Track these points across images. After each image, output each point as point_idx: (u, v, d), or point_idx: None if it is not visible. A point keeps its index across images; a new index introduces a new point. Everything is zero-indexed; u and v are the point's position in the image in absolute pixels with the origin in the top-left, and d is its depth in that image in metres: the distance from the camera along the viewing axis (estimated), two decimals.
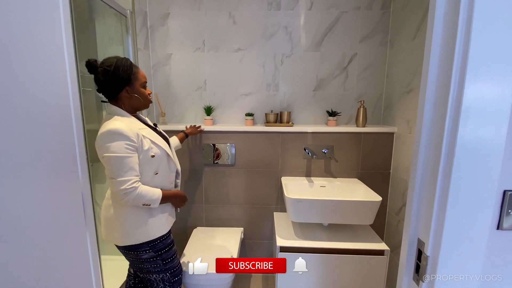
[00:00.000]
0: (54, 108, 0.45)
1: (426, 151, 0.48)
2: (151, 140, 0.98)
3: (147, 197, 0.94)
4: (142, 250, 1.00)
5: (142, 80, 1.00)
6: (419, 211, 0.49)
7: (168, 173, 1.06)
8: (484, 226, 0.45)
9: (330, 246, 1.24)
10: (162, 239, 1.04)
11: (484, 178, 0.43)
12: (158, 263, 1.04)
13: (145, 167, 0.96)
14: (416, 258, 0.50)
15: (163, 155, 1.02)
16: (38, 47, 0.42)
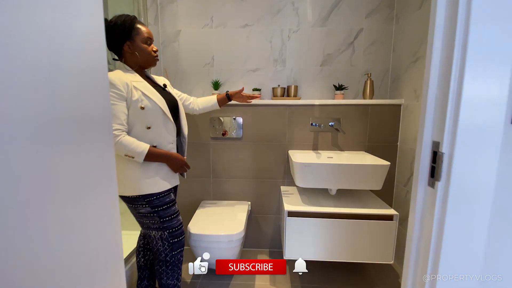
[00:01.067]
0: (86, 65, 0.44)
1: None
2: (142, 92, 0.97)
3: (129, 148, 0.93)
4: (139, 204, 1.02)
5: (144, 36, 1.00)
6: (434, 113, 0.50)
7: (164, 132, 1.03)
8: (498, 122, 0.45)
9: (338, 211, 1.24)
10: (159, 196, 1.03)
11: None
12: (155, 219, 1.04)
13: (136, 119, 0.96)
14: (430, 162, 0.51)
15: (156, 110, 0.99)
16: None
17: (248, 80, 1.71)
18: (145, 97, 0.97)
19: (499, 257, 0.50)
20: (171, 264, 1.09)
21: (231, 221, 1.37)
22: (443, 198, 0.48)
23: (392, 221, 1.22)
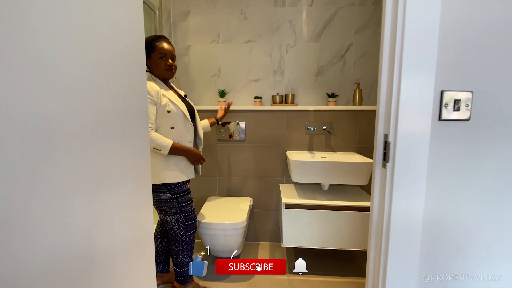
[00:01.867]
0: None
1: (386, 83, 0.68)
2: (169, 98, 1.19)
3: (157, 142, 1.13)
4: (161, 191, 1.21)
5: (158, 52, 1.19)
6: (384, 112, 0.68)
7: (184, 132, 1.24)
8: (427, 119, 0.64)
9: (330, 204, 1.41)
10: (178, 185, 1.23)
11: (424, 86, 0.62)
12: (174, 204, 1.23)
13: (163, 120, 1.17)
14: (383, 149, 0.69)
15: (179, 114, 1.21)
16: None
17: (250, 89, 1.92)
18: (171, 103, 1.19)
19: (435, 216, 0.67)
20: (186, 243, 1.27)
21: (235, 212, 1.55)
22: (391, 176, 0.66)
23: None
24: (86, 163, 0.45)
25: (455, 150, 0.66)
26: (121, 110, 0.54)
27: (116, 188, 0.52)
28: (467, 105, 0.64)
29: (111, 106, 0.51)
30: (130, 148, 0.57)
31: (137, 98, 0.59)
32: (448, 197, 0.67)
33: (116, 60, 0.52)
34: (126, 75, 0.55)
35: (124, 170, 0.55)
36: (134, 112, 0.58)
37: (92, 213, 0.47)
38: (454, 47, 0.63)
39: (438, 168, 0.66)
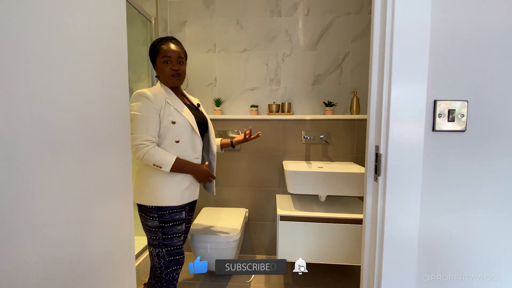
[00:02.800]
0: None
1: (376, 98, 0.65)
2: (174, 108, 1.05)
3: (157, 157, 0.98)
4: (151, 216, 1.04)
5: (162, 55, 1.05)
6: (375, 124, 0.65)
7: (191, 146, 1.08)
8: (420, 129, 0.60)
9: (326, 216, 1.36)
10: (171, 211, 1.05)
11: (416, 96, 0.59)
12: (158, 235, 1.05)
13: (166, 132, 1.03)
14: (374, 161, 0.65)
15: (186, 125, 1.05)
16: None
17: (246, 97, 1.90)
18: (176, 113, 1.04)
19: (432, 232, 0.63)
20: (166, 281, 1.07)
21: (229, 224, 1.50)
22: (383, 190, 0.62)
23: None
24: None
25: (451, 162, 0.62)
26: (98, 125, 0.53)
27: (98, 199, 0.52)
28: (462, 115, 0.60)
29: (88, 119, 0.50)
30: (110, 162, 0.56)
31: (114, 109, 0.57)
32: (445, 212, 0.63)
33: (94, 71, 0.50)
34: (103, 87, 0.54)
35: (105, 182, 0.54)
36: (113, 125, 0.57)
37: (79, 223, 0.47)
38: (446, 54, 0.60)
39: (434, 182, 0.62)
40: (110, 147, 0.56)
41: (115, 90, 0.58)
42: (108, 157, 0.56)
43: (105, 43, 0.54)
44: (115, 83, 0.58)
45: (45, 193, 0.41)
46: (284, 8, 1.82)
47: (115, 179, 0.58)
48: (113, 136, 0.57)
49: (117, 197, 0.59)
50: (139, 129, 0.99)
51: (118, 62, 0.58)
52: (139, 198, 1.06)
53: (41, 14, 0.40)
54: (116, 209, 0.59)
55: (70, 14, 0.45)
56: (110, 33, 0.55)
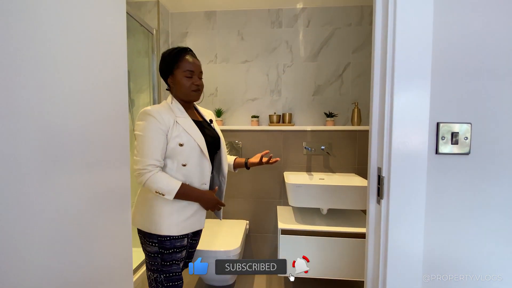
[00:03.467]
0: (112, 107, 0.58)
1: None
2: (184, 128, 0.95)
3: (160, 185, 0.90)
4: (151, 242, 0.98)
5: (185, 69, 0.97)
6: (377, 145, 0.64)
7: (199, 171, 0.99)
8: (423, 152, 0.59)
9: (328, 230, 1.34)
10: (172, 239, 0.98)
11: (418, 116, 0.59)
12: (157, 260, 0.99)
13: (173, 155, 0.94)
14: (377, 184, 0.64)
15: (194, 148, 0.96)
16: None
17: (247, 108, 1.90)
18: (185, 134, 0.95)
19: (437, 257, 0.61)
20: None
21: (229, 237, 1.48)
22: (386, 213, 0.61)
23: None
24: None
25: (455, 185, 0.60)
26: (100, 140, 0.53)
27: (95, 212, 0.52)
28: (465, 137, 0.59)
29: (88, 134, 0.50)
30: (108, 178, 0.57)
31: (113, 122, 0.58)
32: (450, 236, 0.61)
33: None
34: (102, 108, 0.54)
35: (103, 195, 0.54)
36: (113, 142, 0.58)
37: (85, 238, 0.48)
38: (449, 76, 0.59)
39: (438, 205, 0.61)
40: (109, 159, 0.56)
41: (115, 102, 0.58)
42: (107, 170, 0.56)
43: (105, 57, 0.55)
44: (115, 94, 0.58)
45: (42, 206, 0.40)
46: (285, 20, 1.84)
47: (113, 193, 0.58)
48: (112, 148, 0.57)
49: (115, 210, 0.59)
50: (143, 152, 0.91)
51: (117, 77, 0.59)
52: (139, 223, 0.99)
53: (43, 27, 0.41)
54: (114, 223, 0.59)
55: (71, 25, 0.46)
56: (110, 47, 0.56)
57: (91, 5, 0.51)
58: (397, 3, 0.57)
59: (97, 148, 0.52)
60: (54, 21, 0.43)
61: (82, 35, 0.48)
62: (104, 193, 0.55)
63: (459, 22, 0.58)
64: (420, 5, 0.57)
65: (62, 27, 0.44)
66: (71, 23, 0.46)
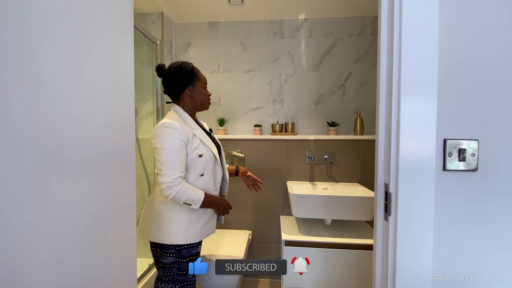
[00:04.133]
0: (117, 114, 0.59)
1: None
2: (200, 139, 1.01)
3: (188, 195, 0.94)
4: (168, 253, 0.99)
5: (203, 81, 1.07)
6: (384, 161, 0.64)
7: (213, 178, 1.06)
8: (430, 169, 0.59)
9: (332, 241, 1.33)
10: (189, 247, 1.01)
11: (425, 131, 0.59)
12: (173, 271, 1.00)
13: (192, 166, 0.98)
14: (384, 200, 0.64)
15: (210, 157, 1.03)
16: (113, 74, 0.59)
17: (250, 117, 1.91)
18: (203, 145, 1.01)
19: (446, 275, 0.60)
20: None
21: (233, 247, 1.47)
22: (394, 230, 0.61)
23: None
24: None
25: (463, 203, 0.60)
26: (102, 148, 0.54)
27: (100, 222, 0.52)
28: (473, 154, 0.59)
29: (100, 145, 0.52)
30: (116, 186, 0.57)
31: (120, 129, 0.58)
32: (460, 254, 0.61)
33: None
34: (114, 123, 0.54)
35: (108, 205, 0.55)
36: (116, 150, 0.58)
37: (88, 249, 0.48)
38: (455, 93, 0.59)
39: (446, 223, 0.60)
40: (115, 170, 0.57)
41: (122, 112, 0.59)
42: (112, 180, 0.56)
43: (113, 66, 0.56)
44: (122, 105, 0.59)
45: (44, 215, 0.40)
46: (287, 31, 1.86)
47: (118, 202, 0.58)
48: (119, 158, 0.58)
49: (120, 219, 0.59)
50: (169, 165, 0.92)
51: (125, 88, 0.61)
52: (155, 237, 0.99)
53: (54, 40, 0.42)
54: (119, 233, 0.59)
55: (81, 37, 0.48)
56: (117, 57, 0.57)
57: (101, 20, 0.52)
58: (402, 18, 0.58)
59: (103, 156, 0.53)
60: (64, 32, 0.44)
61: (90, 46, 0.49)
62: (109, 202, 0.55)
63: (466, 37, 0.59)
64: (426, 20, 0.57)
65: (71, 37, 0.45)
66: (81, 35, 0.47)
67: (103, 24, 0.54)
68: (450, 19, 0.59)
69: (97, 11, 0.52)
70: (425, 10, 0.57)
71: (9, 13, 0.35)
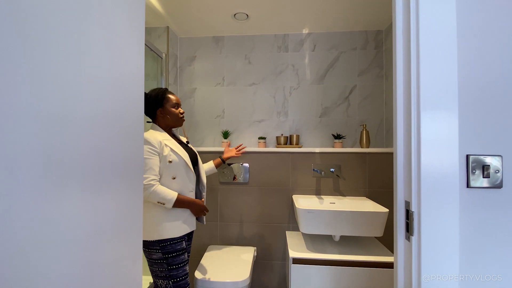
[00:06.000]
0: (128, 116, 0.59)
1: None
2: (171, 148, 1.16)
3: (161, 195, 1.08)
4: (154, 249, 1.11)
5: (173, 102, 1.23)
6: (404, 178, 0.61)
7: (186, 181, 1.20)
8: (454, 186, 0.56)
9: (342, 259, 1.27)
10: (172, 242, 1.13)
11: (447, 147, 0.56)
12: (164, 266, 1.12)
13: (164, 170, 1.14)
14: (405, 218, 0.61)
15: (180, 163, 1.17)
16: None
17: (254, 129, 1.89)
18: (173, 153, 1.16)
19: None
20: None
21: (237, 267, 1.41)
22: (417, 251, 0.57)
23: None
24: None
25: (489, 221, 0.57)
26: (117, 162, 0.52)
27: (110, 238, 0.50)
28: (497, 171, 0.56)
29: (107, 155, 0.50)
30: (123, 198, 0.56)
31: (134, 150, 0.56)
32: (487, 275, 0.57)
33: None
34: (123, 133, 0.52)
35: (117, 221, 0.53)
36: (130, 163, 0.57)
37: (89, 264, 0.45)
38: (477, 107, 0.58)
39: (472, 242, 0.57)
40: (122, 181, 0.55)
41: (131, 119, 0.58)
42: (119, 193, 0.54)
43: (124, 77, 0.56)
44: (131, 116, 0.58)
45: (45, 229, 0.37)
46: (291, 45, 1.88)
47: (124, 216, 0.56)
48: (126, 170, 0.56)
49: (126, 235, 0.56)
50: (145, 171, 1.08)
51: (134, 92, 0.60)
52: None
53: (64, 50, 0.41)
54: (125, 248, 0.56)
55: (93, 48, 0.47)
56: (127, 69, 0.57)
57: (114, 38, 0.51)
58: (419, 32, 0.57)
59: (109, 167, 0.51)
60: (68, 30, 0.42)
61: (98, 45, 0.49)
62: (114, 216, 0.52)
63: (485, 50, 0.58)
64: (444, 32, 0.57)
65: (81, 48, 0.45)
66: (89, 35, 0.47)
67: (113, 26, 0.53)
68: (469, 28, 0.58)
69: (111, 13, 0.52)
70: (442, 21, 0.57)
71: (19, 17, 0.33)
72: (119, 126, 0.55)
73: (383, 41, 1.81)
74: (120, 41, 0.56)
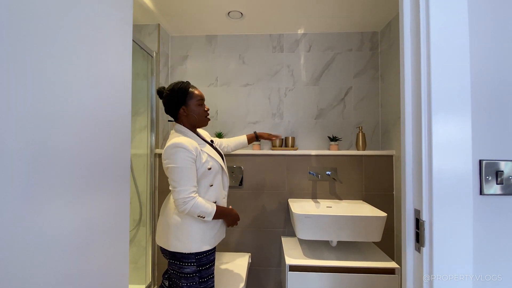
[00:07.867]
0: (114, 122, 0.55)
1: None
2: (208, 154, 1.07)
3: (202, 209, 1.01)
4: (188, 262, 1.03)
5: (198, 98, 1.10)
6: (413, 185, 0.58)
7: (221, 187, 1.13)
8: (467, 194, 0.53)
9: (340, 265, 1.24)
10: (207, 254, 1.07)
11: (460, 150, 0.53)
12: (195, 280, 1.04)
13: (202, 178, 1.05)
14: (414, 228, 0.57)
15: (218, 169, 1.10)
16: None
17: (249, 131, 1.84)
18: (211, 159, 1.07)
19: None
20: None
21: (232, 275, 1.35)
22: (429, 263, 0.53)
23: (395, 275, 1.21)
24: None
25: (505, 229, 0.54)
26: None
27: (90, 245, 0.46)
28: (511, 177, 0.53)
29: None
30: (110, 200, 0.52)
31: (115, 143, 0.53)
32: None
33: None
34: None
35: (104, 225, 0.49)
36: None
37: None
38: (490, 112, 0.54)
39: (487, 252, 0.53)
40: (108, 187, 0.51)
41: (118, 120, 0.55)
42: (105, 197, 0.50)
43: (109, 74, 0.52)
44: (117, 118, 0.54)
45: (28, 238, 0.34)
46: (286, 45, 1.84)
47: (109, 224, 0.52)
48: (113, 172, 0.53)
49: (112, 242, 0.52)
50: (182, 182, 0.99)
51: (122, 99, 0.56)
52: (178, 247, 1.03)
53: (50, 48, 0.37)
54: (111, 257, 0.52)
55: (78, 45, 0.42)
56: (114, 67, 0.53)
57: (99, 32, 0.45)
58: (430, 32, 0.53)
59: (95, 169, 0.47)
60: (58, 31, 0.39)
61: (85, 48, 0.45)
62: (100, 219, 0.49)
63: (499, 49, 0.55)
64: (455, 33, 0.53)
65: (68, 45, 0.41)
66: (77, 37, 0.43)
67: (100, 28, 0.48)
68: (482, 26, 0.55)
69: (97, 15, 0.46)
70: (454, 19, 0.53)
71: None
72: (103, 126, 0.50)
73: (378, 43, 1.80)
74: (105, 36, 0.50)
